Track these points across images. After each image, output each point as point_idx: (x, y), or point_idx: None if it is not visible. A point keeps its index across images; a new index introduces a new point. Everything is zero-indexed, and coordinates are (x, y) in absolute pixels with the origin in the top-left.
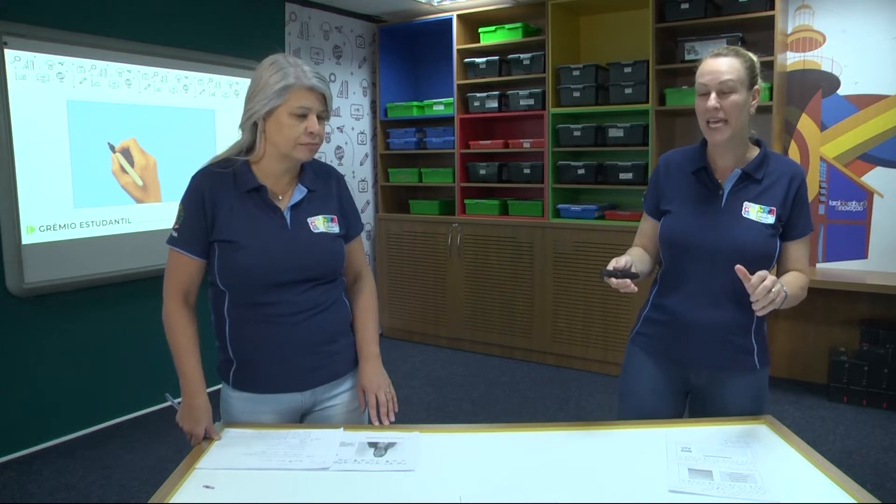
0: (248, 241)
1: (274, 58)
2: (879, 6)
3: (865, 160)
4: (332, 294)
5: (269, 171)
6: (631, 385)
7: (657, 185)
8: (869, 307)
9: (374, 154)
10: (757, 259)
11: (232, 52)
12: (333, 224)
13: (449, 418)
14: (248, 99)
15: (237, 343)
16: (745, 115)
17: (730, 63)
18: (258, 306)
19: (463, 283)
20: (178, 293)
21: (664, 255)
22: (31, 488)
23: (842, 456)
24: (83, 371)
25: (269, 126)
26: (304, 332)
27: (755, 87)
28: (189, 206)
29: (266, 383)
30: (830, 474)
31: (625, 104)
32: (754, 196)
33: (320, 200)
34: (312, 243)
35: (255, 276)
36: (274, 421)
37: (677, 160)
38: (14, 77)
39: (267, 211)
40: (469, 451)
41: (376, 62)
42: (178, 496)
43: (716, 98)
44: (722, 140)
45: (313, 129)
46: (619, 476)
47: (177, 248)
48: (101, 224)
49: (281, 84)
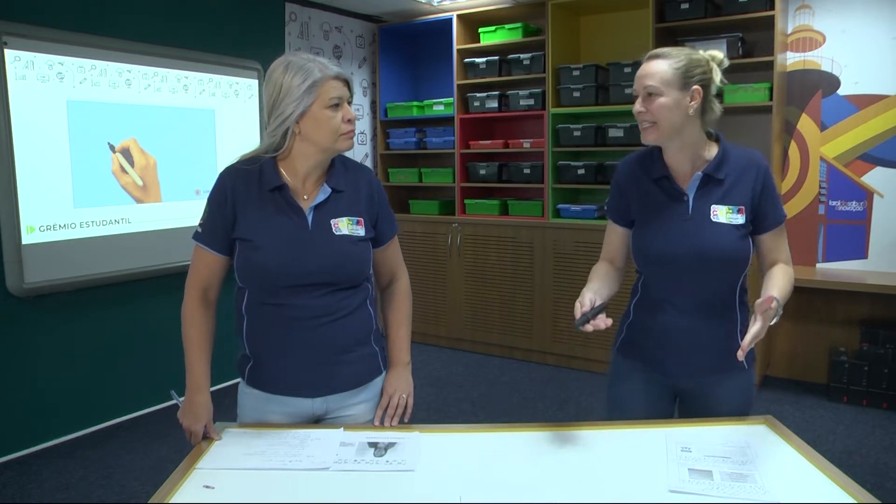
0: (264, 241)
1: (285, 60)
2: (879, 6)
3: (865, 160)
4: (352, 301)
5: (297, 168)
6: (619, 393)
7: (621, 193)
8: (869, 307)
9: (374, 154)
10: (731, 263)
11: (232, 52)
12: (359, 227)
13: (449, 418)
14: (273, 107)
15: (252, 340)
16: (680, 117)
17: (656, 66)
18: (273, 307)
19: (463, 283)
20: (197, 288)
21: (639, 267)
22: (31, 488)
23: (842, 456)
24: (83, 371)
25: (306, 126)
26: (318, 338)
27: (693, 88)
28: (213, 202)
29: (275, 384)
30: (830, 474)
31: (625, 104)
32: (720, 197)
33: (347, 201)
34: (331, 246)
35: (269, 276)
36: (284, 422)
37: (634, 169)
38: (14, 77)
39: (288, 211)
40: (469, 451)
41: (376, 62)
42: (178, 496)
43: (640, 102)
44: (653, 140)
45: (350, 117)
46: (619, 476)
47: (200, 243)
48: (101, 224)
49: (308, 82)
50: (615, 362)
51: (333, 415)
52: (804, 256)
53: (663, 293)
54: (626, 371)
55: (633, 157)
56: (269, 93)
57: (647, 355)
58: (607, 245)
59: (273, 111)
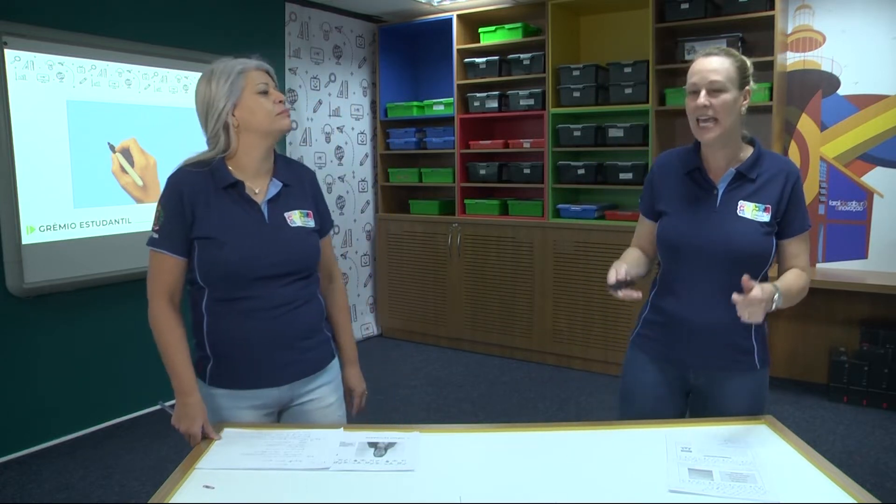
0: (227, 237)
1: (206, 71)
2: (879, 6)
3: (865, 160)
4: (308, 290)
5: (245, 164)
6: (632, 387)
7: (652, 186)
8: (869, 307)
9: (374, 154)
10: (753, 258)
11: (232, 52)
12: (309, 219)
13: (449, 418)
14: (206, 112)
15: (215, 338)
16: (736, 115)
17: (720, 62)
18: (237, 301)
19: (463, 283)
20: (164, 294)
21: (662, 256)
22: (31, 488)
23: (842, 456)
24: (83, 371)
25: (241, 116)
26: (283, 325)
27: (746, 88)
28: (169, 205)
29: (245, 378)
30: (830, 474)
31: (625, 104)
32: (749, 195)
33: (295, 196)
34: (291, 238)
35: (236, 271)
36: (252, 416)
37: (671, 162)
38: (14, 77)
39: (245, 206)
40: (469, 451)
41: (376, 62)
42: (178, 496)
43: (706, 96)
44: (712, 139)
45: (280, 98)
46: (619, 476)
47: (160, 249)
48: (101, 224)
49: (233, 76)
50: (630, 355)
51: (298, 401)
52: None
53: (683, 284)
54: (640, 364)
55: (673, 152)
56: (199, 104)
57: (661, 348)
58: (637, 236)
59: (207, 116)
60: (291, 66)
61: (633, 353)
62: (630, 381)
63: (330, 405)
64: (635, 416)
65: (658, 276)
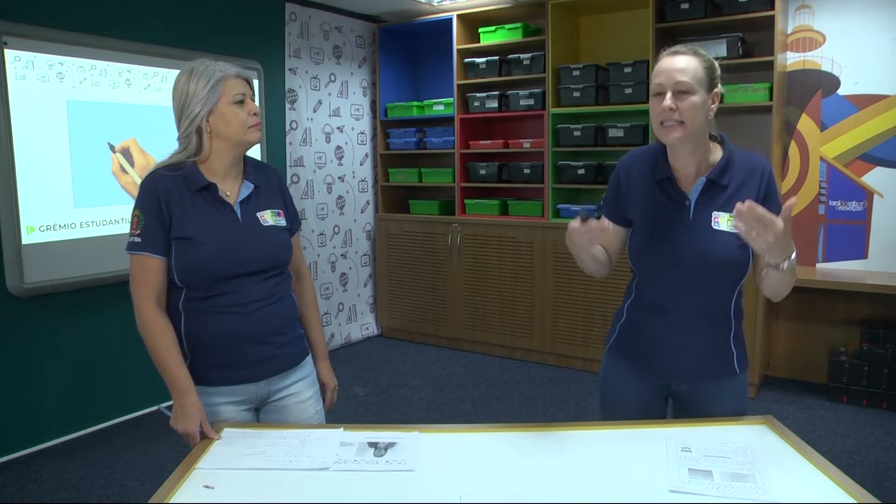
0: (203, 237)
1: (188, 68)
2: (879, 6)
3: (865, 160)
4: (281, 287)
5: (216, 168)
6: (612, 395)
7: (619, 190)
8: (869, 307)
9: (374, 154)
10: (730, 271)
11: (232, 52)
12: (280, 218)
13: (449, 418)
14: (182, 110)
15: (193, 336)
16: (704, 119)
17: (687, 61)
18: (214, 298)
19: (463, 283)
20: (151, 297)
21: (635, 269)
22: (31, 488)
23: (842, 456)
24: (83, 371)
25: (215, 123)
26: (258, 321)
27: (715, 90)
28: (146, 208)
29: (223, 375)
30: (830, 474)
31: (625, 104)
32: (722, 204)
33: (265, 196)
34: (264, 236)
35: (213, 269)
36: (230, 413)
37: (638, 164)
38: (14, 77)
39: (218, 207)
40: (469, 451)
41: (376, 62)
42: (178, 496)
43: (671, 98)
44: (677, 139)
45: (255, 111)
46: (619, 476)
47: (144, 252)
48: (101, 224)
49: (212, 82)
50: (607, 363)
51: (276, 396)
52: (804, 256)
53: (659, 297)
54: (618, 372)
55: (638, 154)
56: (176, 99)
57: (639, 357)
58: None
59: (182, 115)
60: (291, 66)
61: (610, 361)
62: (610, 388)
63: (307, 399)
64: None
65: (633, 285)
